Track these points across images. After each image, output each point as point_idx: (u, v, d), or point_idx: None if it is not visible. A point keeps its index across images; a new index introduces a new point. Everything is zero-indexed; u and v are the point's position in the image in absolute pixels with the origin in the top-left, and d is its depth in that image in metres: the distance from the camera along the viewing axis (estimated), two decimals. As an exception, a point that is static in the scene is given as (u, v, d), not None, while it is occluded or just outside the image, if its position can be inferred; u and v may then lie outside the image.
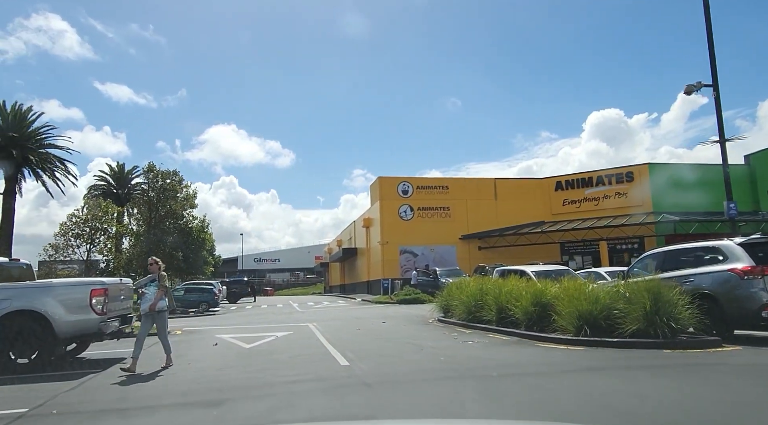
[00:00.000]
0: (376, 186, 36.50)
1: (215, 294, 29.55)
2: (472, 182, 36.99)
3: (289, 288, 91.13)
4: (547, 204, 36.51)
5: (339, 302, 31.74)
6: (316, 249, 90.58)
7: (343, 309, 24.26)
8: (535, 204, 36.45)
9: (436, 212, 35.67)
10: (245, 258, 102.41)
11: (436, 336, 11.97)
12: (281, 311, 25.46)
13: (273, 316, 21.17)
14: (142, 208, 44.96)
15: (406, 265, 35.03)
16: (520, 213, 35.86)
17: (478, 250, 35.82)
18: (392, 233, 34.92)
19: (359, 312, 21.36)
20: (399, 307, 23.56)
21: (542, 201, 36.62)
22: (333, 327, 15.01)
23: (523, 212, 35.92)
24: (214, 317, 22.88)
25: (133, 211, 46.57)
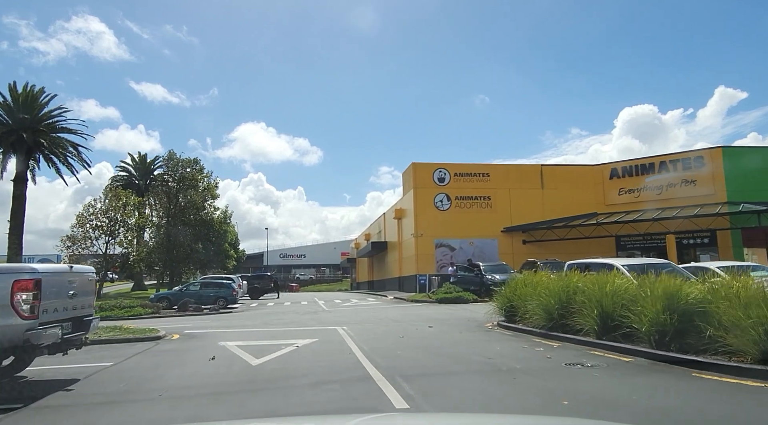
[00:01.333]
0: (409, 173, 33.32)
1: (234, 290, 26.86)
2: (515, 170, 33.41)
3: (314, 284, 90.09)
4: (600, 194, 32.67)
5: (369, 300, 28.71)
6: (342, 245, 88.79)
7: (375, 309, 21.19)
8: (587, 194, 32.66)
9: (476, 202, 32.28)
10: (271, 254, 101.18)
11: (514, 350, 8.72)
12: (305, 309, 22.54)
13: (295, 316, 18.21)
14: (162, 198, 42.82)
15: (442, 260, 31.75)
16: (569, 204, 32.15)
17: (522, 244, 32.27)
18: (427, 225, 31.70)
19: (395, 313, 18.23)
20: (440, 307, 20.33)
21: (594, 190, 32.79)
22: (368, 332, 11.91)
23: (573, 203, 32.19)
24: (228, 316, 20.07)
25: (152, 202, 44.48)
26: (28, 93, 31.54)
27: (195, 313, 21.79)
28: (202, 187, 42.48)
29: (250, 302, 31.64)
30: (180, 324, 15.67)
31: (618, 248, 31.20)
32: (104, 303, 21.28)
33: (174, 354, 9.12)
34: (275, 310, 22.89)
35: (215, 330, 13.42)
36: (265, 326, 14.17)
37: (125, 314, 20.27)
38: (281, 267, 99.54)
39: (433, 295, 23.62)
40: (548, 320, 10.03)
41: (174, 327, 14.29)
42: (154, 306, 21.76)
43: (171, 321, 17.90)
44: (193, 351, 9.51)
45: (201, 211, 42.35)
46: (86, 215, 41.88)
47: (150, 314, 20.87)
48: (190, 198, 42.01)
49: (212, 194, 44.12)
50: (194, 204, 41.88)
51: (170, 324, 15.82)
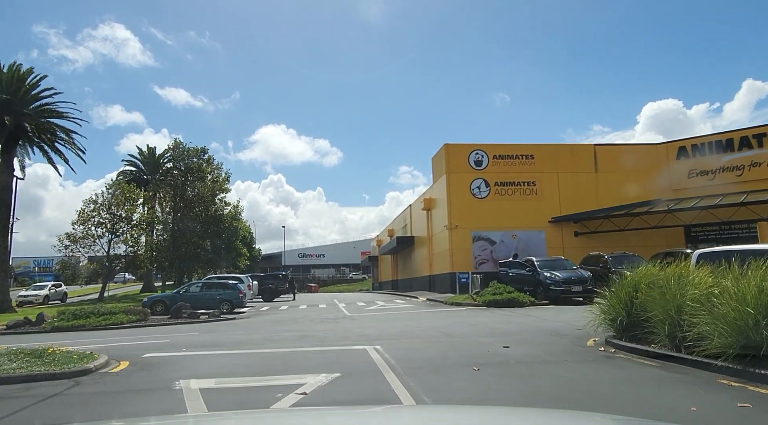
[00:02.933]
0: (440, 157, 29.08)
1: (240, 292, 22.99)
2: (564, 150, 28.89)
3: (334, 284, 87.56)
4: (666, 176, 27.97)
5: (397, 303, 24.55)
6: (362, 244, 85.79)
7: (410, 315, 17.02)
8: (649, 177, 27.98)
9: (519, 189, 27.90)
10: (289, 254, 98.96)
11: (719, 411, 4.46)
12: (323, 315, 18.53)
13: (309, 326, 14.14)
14: (167, 192, 39.29)
15: (481, 255, 27.43)
16: (627, 189, 27.51)
17: (573, 236, 27.78)
18: (463, 216, 27.44)
19: (439, 320, 14.02)
20: (493, 312, 16.06)
21: (659, 173, 28.09)
22: (417, 357, 7.75)
23: (632, 188, 27.54)
24: (227, 326, 16.10)
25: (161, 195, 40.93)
26: (13, 73, 28.16)
27: (189, 320, 17.89)
28: (211, 179, 38.77)
29: (262, 305, 27.78)
30: (153, 339, 11.74)
31: (688, 240, 26.46)
32: (80, 309, 17.54)
33: (86, 408, 5.08)
34: (287, 316, 18.92)
35: (192, 351, 9.40)
36: (266, 344, 10.12)
37: (103, 322, 16.48)
38: (300, 267, 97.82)
39: (479, 297, 19.35)
40: (743, 347, 5.71)
41: (137, 346, 10.35)
42: (141, 313, 17.95)
43: (149, 333, 14.03)
44: (116, 403, 5.41)
45: (210, 205, 38.68)
46: (87, 212, 38.68)
47: (134, 322, 17.07)
48: (198, 191, 38.39)
49: (222, 188, 40.44)
50: (202, 198, 38.24)
51: (142, 339, 11.92)
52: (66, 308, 18.43)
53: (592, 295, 18.98)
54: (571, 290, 18.15)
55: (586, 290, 18.16)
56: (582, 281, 18.26)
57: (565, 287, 18.18)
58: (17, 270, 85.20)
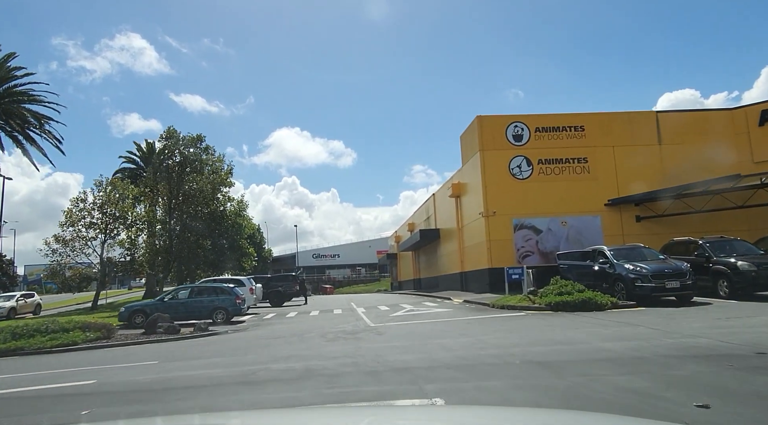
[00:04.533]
0: (472, 133, 24.68)
1: (238, 297, 18.91)
2: (621, 119, 24.25)
3: (349, 285, 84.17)
4: (746, 147, 23.26)
5: (428, 306, 20.23)
6: (378, 243, 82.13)
7: (452, 324, 12.69)
8: (724, 149, 23.29)
9: (567, 167, 23.42)
10: (303, 255, 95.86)
11: None
12: (339, 325, 14.33)
13: (319, 348, 9.86)
14: (164, 186, 35.38)
15: (524, 247, 22.98)
16: (698, 163, 22.84)
17: (635, 221, 23.20)
18: (501, 200, 23.05)
19: (504, 335, 9.63)
20: (566, 319, 11.67)
21: (737, 143, 23.39)
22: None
23: (704, 162, 22.86)
24: (208, 346, 11.92)
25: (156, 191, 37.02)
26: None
27: (164, 337, 13.76)
28: (211, 170, 34.79)
29: (268, 312, 23.68)
30: (71, 380, 7.58)
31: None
32: (24, 326, 13.55)
33: None
34: (292, 328, 14.72)
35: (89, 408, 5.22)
36: (238, 393, 5.88)
37: (49, 343, 12.45)
38: (314, 268, 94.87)
39: (539, 298, 14.93)
40: None
41: (21, 397, 6.20)
42: (104, 328, 13.90)
43: (95, 360, 9.94)
44: None
45: (210, 200, 34.71)
46: (76, 212, 34.99)
47: (92, 340, 13.04)
48: (197, 185, 34.43)
49: (224, 181, 36.44)
50: (201, 192, 34.27)
51: (62, 376, 7.80)
52: (10, 324, 14.47)
53: (692, 293, 14.56)
54: (665, 287, 13.67)
55: (684, 287, 13.68)
56: (679, 275, 13.77)
57: (657, 283, 13.70)
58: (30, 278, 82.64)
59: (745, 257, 14.18)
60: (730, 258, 14.37)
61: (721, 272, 14.23)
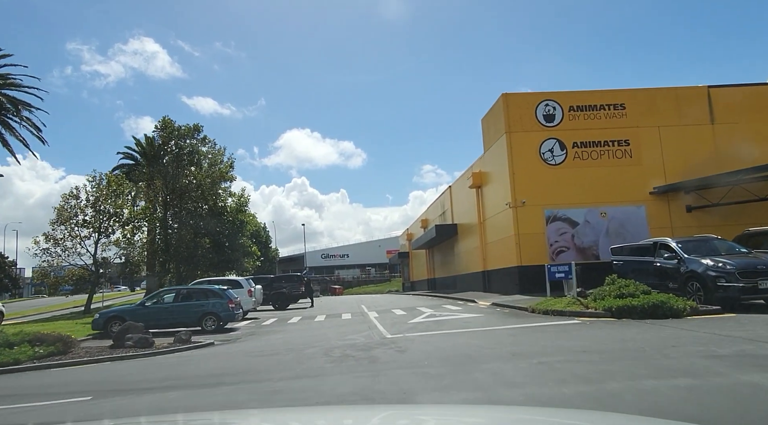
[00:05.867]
0: (497, 113, 21.91)
1: (231, 300, 16.35)
2: (667, 96, 21.33)
3: (359, 286, 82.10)
4: (812, 126, 20.33)
5: (450, 310, 17.51)
6: (387, 243, 79.73)
7: (492, 335, 9.98)
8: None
9: (607, 150, 20.60)
10: (312, 255, 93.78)
11: None
12: (347, 336, 11.68)
13: (320, 377, 7.16)
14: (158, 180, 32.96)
15: (558, 241, 20.20)
16: (757, 144, 19.92)
17: (686, 212, 20.31)
18: (531, 189, 20.30)
19: (582, 357, 6.89)
20: (641, 329, 8.95)
21: (802, 121, 20.46)
22: None
23: (761, 143, 19.94)
24: (177, 367, 9.31)
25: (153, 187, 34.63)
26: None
27: (132, 352, 11.14)
28: (209, 163, 32.32)
29: (270, 316, 21.13)
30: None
31: None
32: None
33: None
34: (289, 341, 12.06)
35: None
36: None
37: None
38: (323, 268, 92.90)
39: (592, 301, 12.15)
40: None
41: None
42: (62, 342, 11.35)
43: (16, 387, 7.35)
44: None
45: (209, 195, 32.25)
46: (67, 208, 32.71)
47: (43, 357, 10.50)
48: (195, 179, 31.99)
49: (224, 176, 33.97)
50: (200, 187, 31.80)
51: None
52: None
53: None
54: (758, 288, 10.84)
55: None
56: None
57: (747, 283, 10.87)
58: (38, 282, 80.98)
59: None
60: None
61: (826, 269, 11.35)
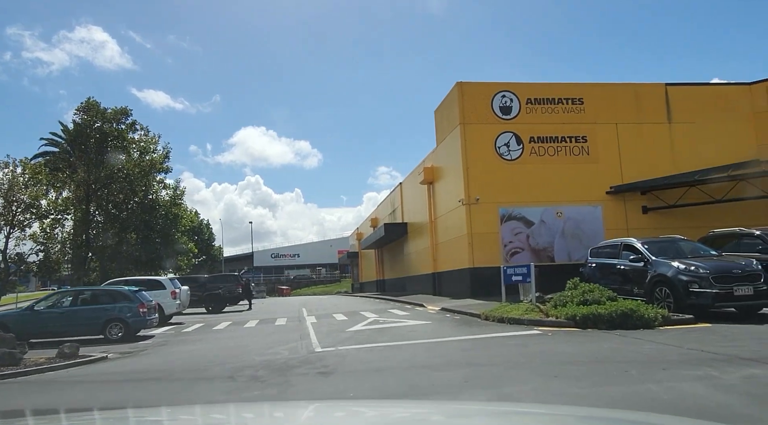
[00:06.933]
0: (451, 104, 20.49)
1: (143, 305, 14.01)
2: (625, 92, 20.49)
3: (308, 286, 79.88)
4: (765, 128, 20.04)
5: (397, 315, 15.85)
6: (340, 243, 78.24)
7: (444, 348, 8.35)
8: (740, 129, 20.01)
9: (564, 146, 19.59)
10: (260, 254, 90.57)
11: None
12: (272, 348, 9.77)
13: (204, 414, 5.24)
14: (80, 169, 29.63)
15: (513, 242, 18.97)
16: (713, 145, 19.46)
17: (642, 213, 19.56)
18: (486, 185, 18.99)
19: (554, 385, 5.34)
20: (611, 343, 7.58)
21: (755, 124, 20.14)
22: None
23: (719, 145, 19.50)
24: (26, 397, 7.05)
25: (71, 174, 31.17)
26: None
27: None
28: (138, 150, 29.36)
29: (195, 321, 18.80)
30: None
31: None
32: None
33: None
34: (198, 355, 9.99)
35: None
36: None
37: None
38: (272, 268, 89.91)
39: (553, 308, 10.76)
40: None
41: None
42: None
43: None
44: None
45: (137, 186, 29.28)
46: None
47: None
48: (122, 167, 28.96)
49: (157, 166, 31.03)
50: (127, 177, 28.79)
51: None
52: None
53: (763, 303, 10.66)
54: (733, 295, 9.73)
55: (758, 294, 9.78)
56: (753, 277, 9.88)
57: (722, 289, 9.75)
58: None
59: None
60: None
61: (800, 274, 10.42)
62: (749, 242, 11.96)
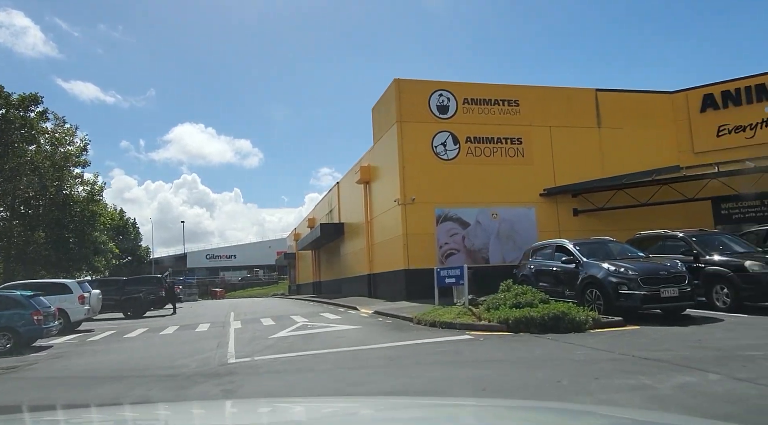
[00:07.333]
0: (388, 101, 19.99)
1: (37, 312, 12.42)
2: (559, 96, 20.77)
3: (245, 288, 77.19)
4: (686, 136, 20.94)
5: (327, 319, 15.07)
6: (279, 244, 76.60)
7: (370, 357, 7.69)
8: (665, 135, 20.83)
9: (500, 147, 19.56)
10: (194, 255, 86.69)
11: None
12: (181, 359, 8.73)
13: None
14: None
15: (449, 243, 18.70)
16: (638, 151, 20.13)
17: (572, 215, 19.88)
18: (422, 185, 18.60)
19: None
20: (543, 348, 7.27)
21: (677, 130, 21.01)
22: None
23: (645, 149, 20.21)
24: None
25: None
26: None
27: None
28: (50, 143, 26.81)
29: (107, 328, 17.12)
30: None
31: (717, 219, 19.45)
32: None
33: None
34: (89, 369, 8.78)
35: None
36: None
37: None
38: (208, 270, 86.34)
39: (486, 311, 10.41)
40: None
41: None
42: None
43: None
44: None
45: (48, 181, 26.71)
46: None
47: None
48: (31, 159, 26.32)
49: (71, 159, 28.50)
50: (36, 170, 26.18)
51: None
52: None
53: (689, 304, 10.78)
54: (660, 296, 9.73)
55: (683, 295, 9.85)
56: (678, 279, 9.93)
57: (650, 291, 9.73)
58: None
59: (750, 256, 10.75)
60: (730, 257, 10.89)
61: (720, 276, 10.66)
62: (673, 244, 12.17)
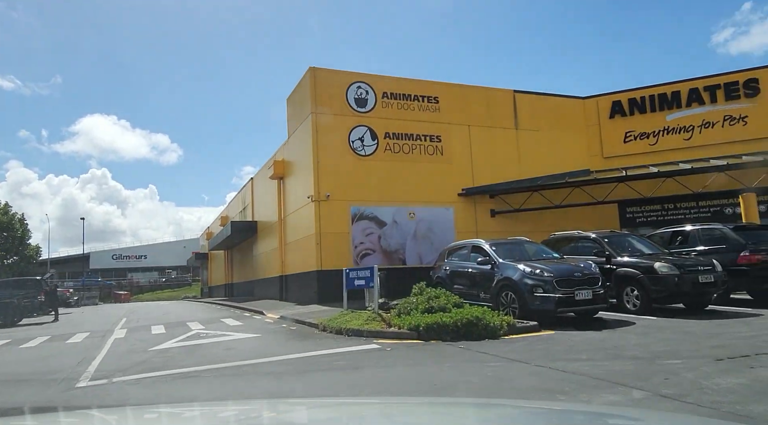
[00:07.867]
0: (303, 91, 18.65)
1: None
2: (477, 95, 20.45)
3: (154, 290, 72.40)
4: (596, 140, 21.49)
5: (227, 326, 13.54)
6: (195, 244, 72.43)
7: (254, 379, 6.48)
8: (578, 139, 21.26)
9: (418, 144, 18.92)
10: (99, 255, 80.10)
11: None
12: (13, 386, 6.94)
13: None
14: None
15: (364, 243, 17.73)
16: (552, 154, 20.38)
17: (490, 216, 19.67)
18: (337, 181, 17.49)
19: None
20: (459, 365, 6.44)
21: (588, 135, 21.52)
22: None
23: (560, 152, 20.51)
24: None
25: None
26: None
27: None
28: None
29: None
30: None
31: (624, 221, 20.17)
32: None
33: None
34: None
35: None
36: None
37: None
38: (114, 271, 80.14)
39: (396, 317, 9.51)
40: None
41: None
42: None
43: None
44: None
45: None
46: None
47: None
48: None
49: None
50: None
51: None
52: None
53: (602, 307, 10.48)
54: (575, 299, 9.33)
55: (596, 298, 9.53)
56: (592, 281, 9.61)
57: (565, 294, 9.31)
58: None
59: (658, 257, 10.70)
60: (641, 258, 10.80)
61: (631, 277, 10.52)
62: (586, 245, 12.00)
